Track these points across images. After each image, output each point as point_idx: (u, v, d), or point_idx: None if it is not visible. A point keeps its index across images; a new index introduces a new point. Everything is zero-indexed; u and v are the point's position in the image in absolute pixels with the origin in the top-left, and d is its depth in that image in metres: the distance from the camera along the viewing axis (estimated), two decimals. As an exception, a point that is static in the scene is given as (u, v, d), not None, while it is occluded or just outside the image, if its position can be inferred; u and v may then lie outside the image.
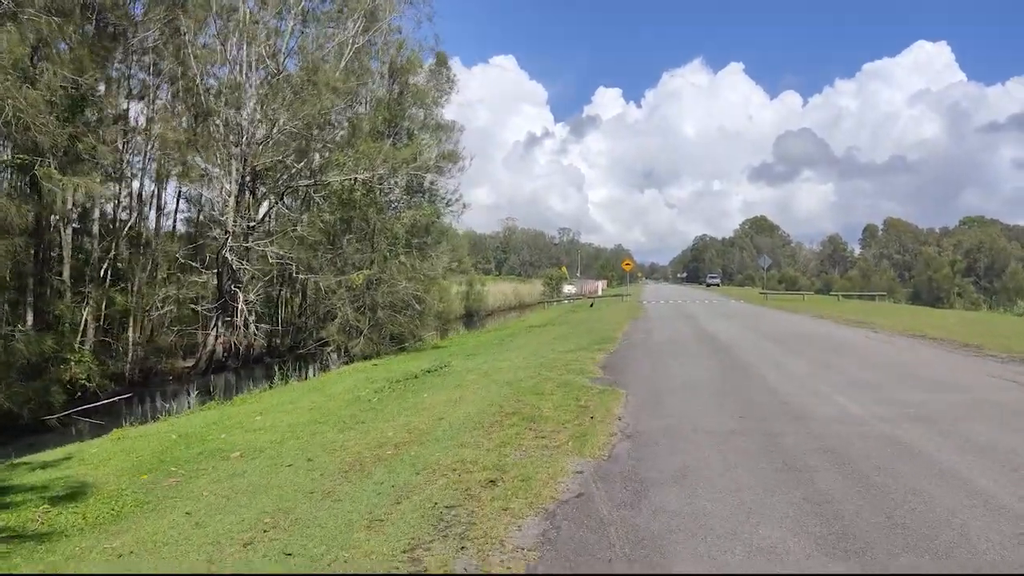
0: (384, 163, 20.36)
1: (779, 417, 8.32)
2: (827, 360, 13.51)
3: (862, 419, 8.15)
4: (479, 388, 11.41)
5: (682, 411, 8.84)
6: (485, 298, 57.02)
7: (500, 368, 13.98)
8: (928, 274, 76.22)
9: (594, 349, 16.16)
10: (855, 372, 11.87)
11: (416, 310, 21.75)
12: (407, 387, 12.48)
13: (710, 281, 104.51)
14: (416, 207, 22.37)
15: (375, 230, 21.51)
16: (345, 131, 22.18)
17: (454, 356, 17.88)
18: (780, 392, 10.01)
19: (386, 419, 9.32)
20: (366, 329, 20.82)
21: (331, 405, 11.10)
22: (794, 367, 12.56)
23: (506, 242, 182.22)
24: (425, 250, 22.84)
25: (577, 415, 8.63)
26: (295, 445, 8.17)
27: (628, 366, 13.25)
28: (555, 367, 13.22)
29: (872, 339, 17.80)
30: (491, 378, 12.50)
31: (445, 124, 26.52)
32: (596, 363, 13.79)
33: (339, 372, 17.12)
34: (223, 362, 22.21)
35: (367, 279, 20.71)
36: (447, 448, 7.29)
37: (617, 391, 10.29)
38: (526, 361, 14.74)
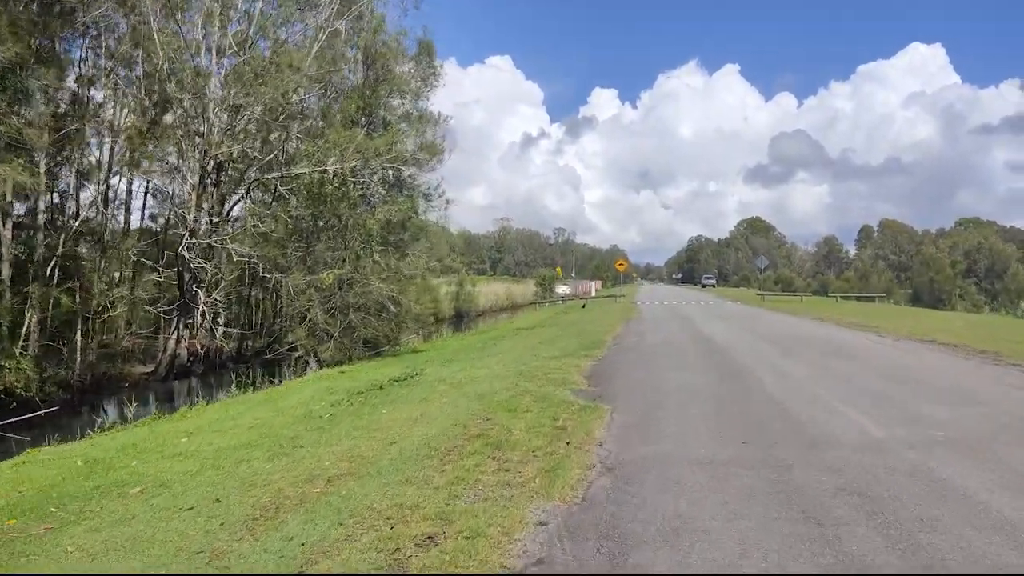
0: (356, 154, 18.95)
1: (789, 441, 7.04)
2: (834, 368, 12.25)
3: (886, 444, 6.87)
4: (446, 403, 10.10)
5: (674, 433, 7.55)
6: (476, 299, 55.70)
7: (476, 377, 12.67)
8: (929, 275, 75.05)
9: (581, 355, 14.88)
10: (867, 383, 10.60)
11: (392, 312, 20.39)
12: (368, 400, 11.17)
13: (705, 282, 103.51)
14: (392, 202, 20.99)
15: (347, 227, 20.12)
16: (315, 121, 20.76)
17: (430, 362, 16.57)
18: (787, 407, 8.73)
19: (330, 442, 8.01)
20: (337, 333, 19.45)
21: (276, 422, 9.78)
22: (800, 376, 11.29)
23: (501, 242, 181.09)
24: (402, 248, 21.45)
25: (551, 439, 7.34)
26: (210, 478, 6.85)
27: (616, 375, 11.97)
28: (536, 376, 11.94)
29: (879, 344, 16.55)
30: (463, 390, 11.20)
31: (427, 115, 25.23)
32: (581, 372, 12.52)
33: (301, 381, 15.81)
34: (188, 367, 20.85)
35: (338, 279, 19.33)
36: (388, 486, 5.99)
37: (601, 407, 9.00)
38: (505, 369, 13.44)
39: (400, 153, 20.46)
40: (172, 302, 20.27)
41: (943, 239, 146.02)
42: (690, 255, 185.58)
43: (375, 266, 20.03)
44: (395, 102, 23.32)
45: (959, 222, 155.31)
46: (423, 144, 22.52)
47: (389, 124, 22.17)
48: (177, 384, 19.68)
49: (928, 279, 74.13)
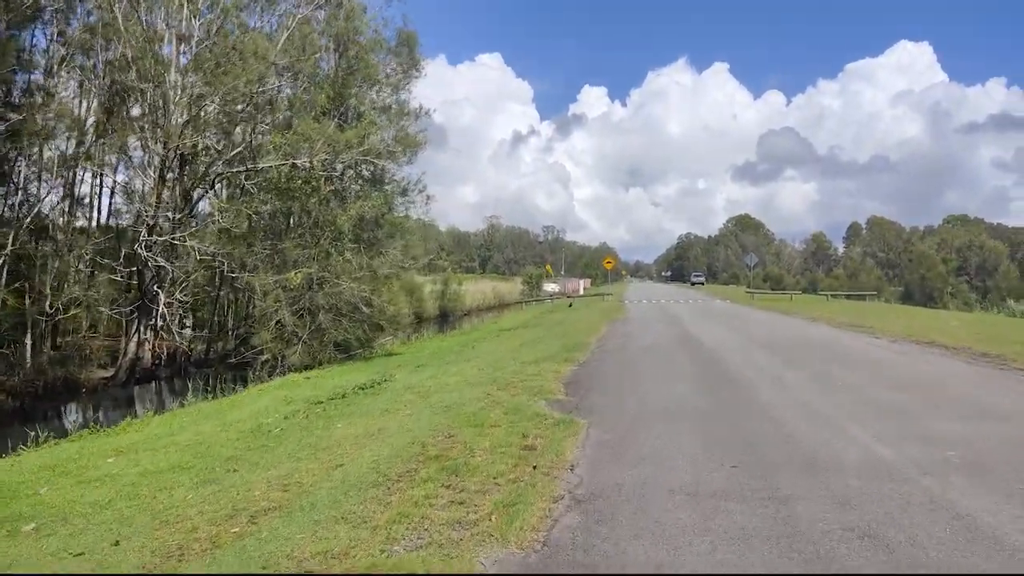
0: (326, 146, 17.91)
1: (786, 465, 6.19)
2: (831, 374, 11.43)
3: (897, 468, 6.03)
4: (409, 415, 9.21)
5: (656, 454, 6.68)
6: (462, 298, 54.76)
7: (446, 385, 11.79)
8: (921, 272, 74.61)
9: (562, 359, 14.00)
10: (868, 391, 9.78)
11: (364, 314, 19.39)
12: (326, 411, 10.26)
13: (695, 279, 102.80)
14: (366, 197, 19.97)
15: (318, 223, 19.10)
16: (285, 113, 19.69)
17: (403, 367, 15.68)
18: (782, 422, 7.88)
19: (270, 465, 7.10)
20: (306, 336, 18.43)
21: (219, 439, 8.85)
22: (795, 384, 10.45)
23: (490, 240, 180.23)
24: (376, 246, 20.44)
25: (517, 463, 6.46)
26: (120, 512, 5.92)
27: (597, 383, 11.10)
28: (511, 384, 11.06)
29: (876, 347, 15.77)
30: (430, 400, 10.31)
31: (407, 109, 24.20)
32: (560, 378, 11.64)
33: (260, 389, 14.87)
34: (151, 371, 19.82)
35: (307, 279, 18.32)
36: (319, 524, 5.09)
37: (576, 422, 8.12)
38: (480, 375, 12.55)
39: (373, 146, 19.40)
40: (131, 302, 19.21)
41: (931, 236, 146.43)
42: (679, 253, 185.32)
43: (346, 265, 19.02)
44: (371, 94, 22.21)
45: (947, 219, 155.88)
46: (401, 137, 21.46)
47: (362, 116, 21.13)
48: (138, 390, 18.67)
49: (919, 276, 73.66)
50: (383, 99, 22.88)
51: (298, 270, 18.25)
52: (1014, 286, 69.99)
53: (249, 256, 18.97)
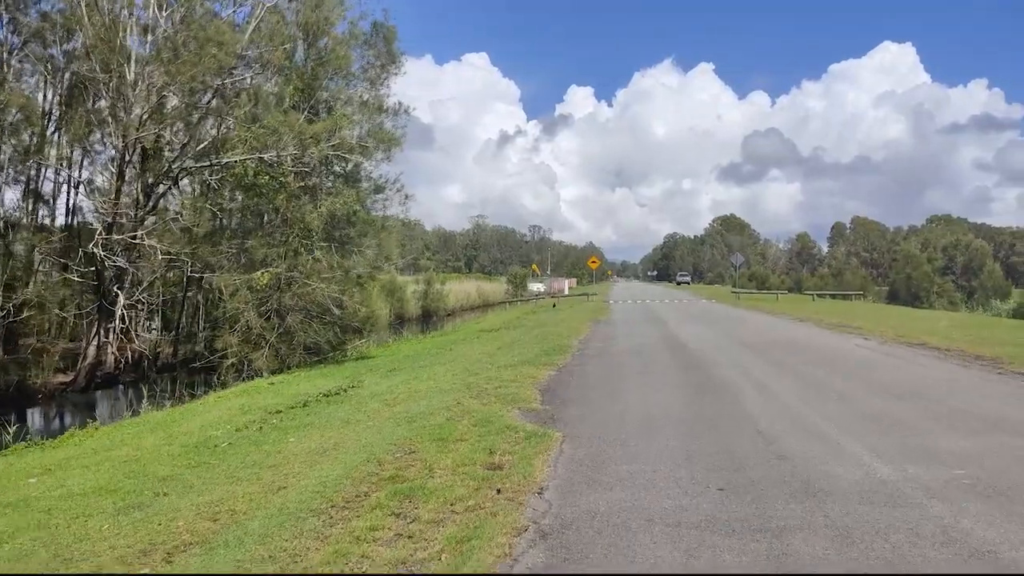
0: (293, 140, 17.06)
1: (778, 488, 5.55)
2: (822, 380, 10.84)
3: (901, 491, 5.41)
4: (370, 427, 8.50)
5: (635, 474, 6.03)
6: (445, 298, 53.96)
7: (416, 392, 11.09)
8: (907, 272, 74.52)
9: (540, 363, 13.34)
10: (863, 401, 9.18)
11: (335, 315, 18.57)
12: (282, 422, 9.52)
13: (680, 279, 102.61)
14: (337, 194, 19.11)
15: (286, 221, 18.23)
16: (252, 108, 18.77)
17: (374, 371, 14.95)
18: (772, 435, 7.25)
19: (205, 488, 6.38)
20: (273, 338, 17.59)
21: (159, 455, 8.09)
22: (784, 391, 9.84)
23: (476, 239, 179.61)
24: (348, 245, 19.61)
25: (480, 485, 5.78)
26: (22, 545, 5.19)
27: (576, 390, 10.44)
28: (484, 392, 10.39)
29: (866, 349, 15.23)
30: (395, 409, 9.61)
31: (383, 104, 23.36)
32: (537, 384, 10.99)
33: (219, 396, 14.08)
34: (115, 376, 18.93)
35: (274, 279, 17.47)
36: (241, 565, 4.39)
37: (551, 434, 7.46)
38: (453, 381, 11.86)
39: (345, 140, 18.54)
40: (91, 302, 18.27)
41: (914, 236, 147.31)
42: (665, 252, 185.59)
43: (317, 265, 18.18)
44: (344, 87, 21.34)
45: (930, 219, 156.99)
46: (375, 132, 20.57)
47: (333, 109, 20.26)
48: (100, 395, 17.77)
49: (906, 276, 73.58)
50: (359, 94, 22.08)
51: (265, 270, 17.39)
52: (999, 285, 70.28)
53: (215, 255, 18.08)
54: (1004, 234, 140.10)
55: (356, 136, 19.96)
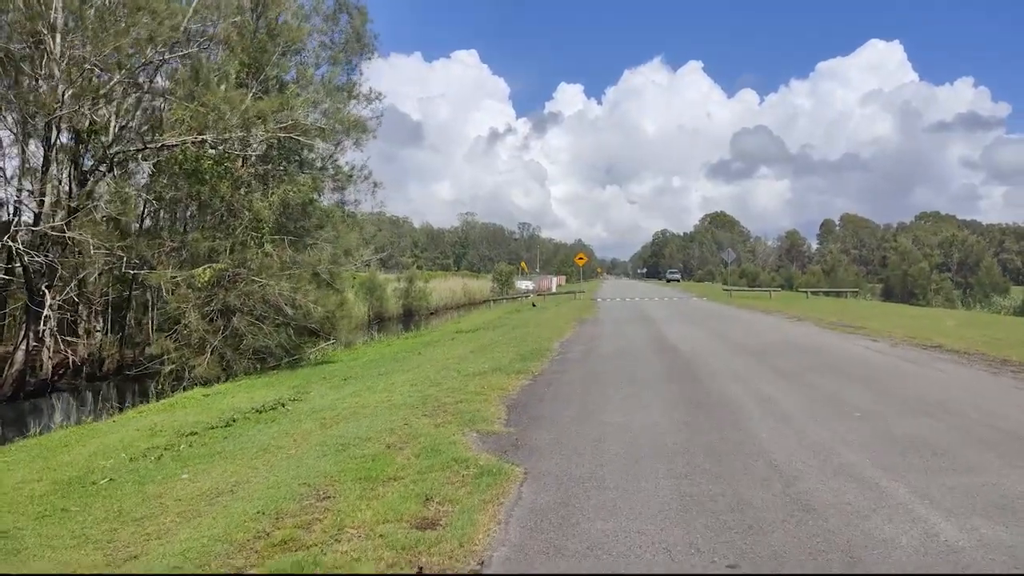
0: (237, 120, 15.28)
1: (812, 560, 3.98)
2: (836, 392, 9.30)
3: (982, 568, 3.86)
4: (289, 458, 6.89)
5: (613, 538, 4.46)
6: (428, 296, 52.25)
7: (363, 407, 9.47)
8: (903, 268, 73.16)
9: (514, 371, 11.76)
10: (889, 418, 7.65)
11: (290, 316, 16.83)
12: (189, 449, 7.90)
13: (670, 276, 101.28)
14: (290, 181, 17.35)
15: (232, 211, 16.49)
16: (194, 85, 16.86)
17: (328, 380, 13.34)
18: (791, 473, 5.70)
19: (35, 552, 4.72)
20: (217, 342, 15.86)
21: (16, 496, 6.43)
22: (795, 408, 8.29)
23: (465, 237, 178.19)
24: (305, 238, 17.85)
25: (396, 558, 4.19)
26: None
27: (549, 406, 8.85)
28: (441, 407, 8.81)
29: (877, 353, 13.72)
30: (330, 431, 7.98)
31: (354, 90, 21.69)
32: (506, 398, 9.41)
33: (138, 411, 12.35)
34: (51, 383, 17.15)
35: (218, 276, 15.71)
36: None
37: (509, 471, 5.88)
38: (409, 393, 10.24)
39: (298, 122, 16.76)
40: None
41: (903, 233, 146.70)
42: (655, 250, 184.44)
43: (267, 260, 16.45)
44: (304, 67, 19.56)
45: (920, 216, 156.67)
46: (337, 114, 18.79)
47: (285, 86, 18.49)
48: (29, 406, 16.00)
49: (902, 273, 72.23)
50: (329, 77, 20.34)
51: (208, 266, 15.63)
52: (997, 282, 68.99)
53: (153, 250, 16.32)
54: (994, 231, 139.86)
55: (316, 119, 18.16)
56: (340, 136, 24.24)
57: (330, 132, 18.68)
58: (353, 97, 22.49)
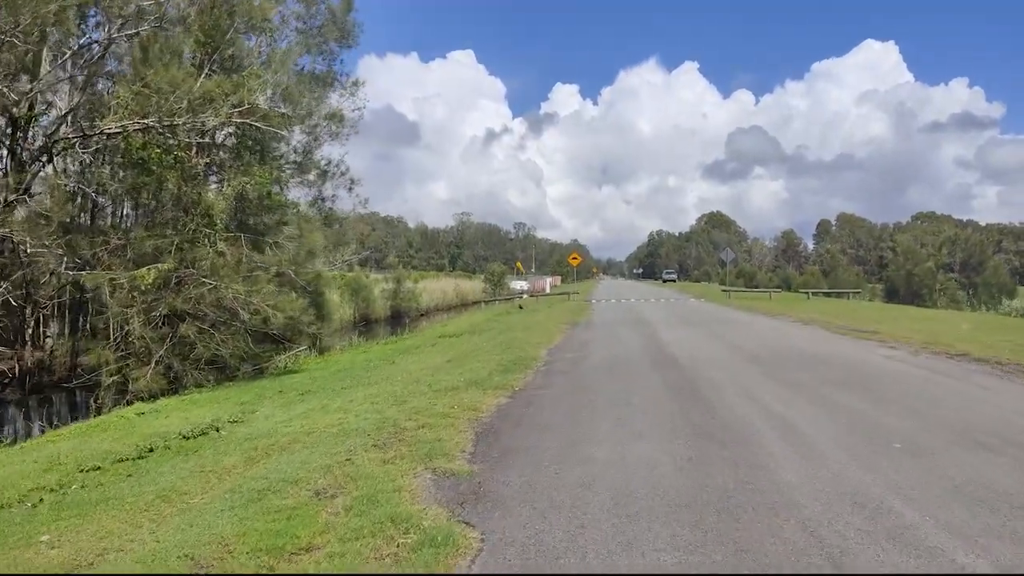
0: (182, 101, 13.69)
1: None
2: (868, 416, 7.88)
3: None
4: (183, 513, 5.44)
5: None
6: (417, 297, 50.72)
7: (308, 433, 8.01)
8: (907, 268, 71.59)
9: (492, 385, 10.33)
10: (942, 454, 6.25)
11: (245, 322, 15.26)
12: (82, 491, 6.44)
13: (666, 277, 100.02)
14: (246, 171, 15.75)
15: (179, 204, 14.92)
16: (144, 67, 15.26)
17: (284, 394, 11.90)
18: (831, 539, 4.30)
19: None
20: (162, 352, 14.33)
21: None
22: (823, 439, 6.87)
23: (460, 237, 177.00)
24: (266, 236, 16.26)
25: None
26: None
27: (525, 433, 7.42)
28: (398, 434, 7.40)
29: (899, 362, 12.32)
30: (255, 469, 6.54)
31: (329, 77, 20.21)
32: (477, 421, 7.99)
33: (55, 435, 10.83)
34: (-7, 394, 15.64)
35: (164, 277, 14.15)
36: None
37: (460, 540, 4.47)
38: (367, 414, 8.79)
39: (255, 106, 15.13)
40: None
41: (900, 233, 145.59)
42: (651, 250, 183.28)
43: (219, 259, 14.90)
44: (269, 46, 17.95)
45: (916, 216, 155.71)
46: (289, 94, 17.26)
47: (241, 67, 16.92)
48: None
49: (906, 273, 70.66)
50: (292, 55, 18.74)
51: (152, 266, 14.09)
52: (1003, 283, 67.41)
53: (96, 248, 14.76)
54: (992, 231, 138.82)
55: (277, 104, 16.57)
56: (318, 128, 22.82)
57: (297, 119, 17.18)
58: (329, 86, 21.04)
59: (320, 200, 22.66)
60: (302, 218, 18.63)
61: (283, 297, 15.99)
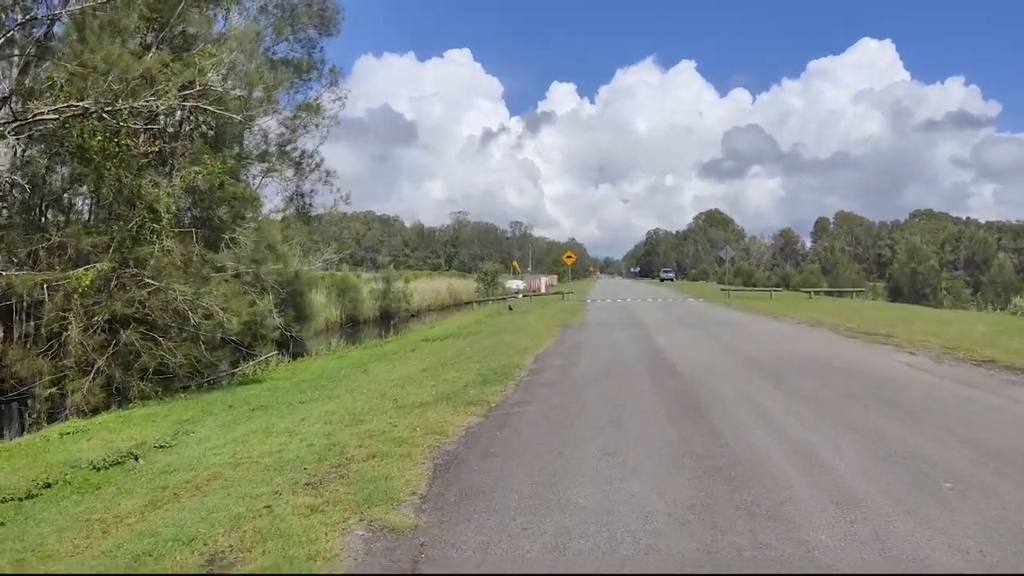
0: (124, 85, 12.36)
1: None
2: (902, 442, 6.64)
3: None
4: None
5: None
6: (408, 297, 49.42)
7: (238, 464, 6.76)
8: (911, 266, 70.22)
9: (466, 400, 9.08)
10: (1003, 494, 5.01)
11: (205, 325, 13.94)
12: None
13: (664, 276, 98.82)
14: (196, 160, 14.39)
15: (120, 197, 13.56)
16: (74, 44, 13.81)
17: (233, 409, 10.63)
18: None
19: None
20: (103, 362, 13.00)
21: None
22: (854, 474, 5.63)
23: (456, 236, 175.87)
24: (225, 232, 14.92)
25: None
26: None
27: (495, 467, 6.17)
28: (341, 467, 6.19)
29: (923, 371, 11.08)
30: (150, 519, 5.29)
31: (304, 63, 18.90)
32: (438, 449, 6.77)
33: None
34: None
35: (104, 277, 12.82)
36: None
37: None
38: (315, 437, 7.53)
39: (208, 89, 13.73)
40: None
41: (900, 231, 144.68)
42: (648, 249, 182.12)
43: (166, 258, 13.57)
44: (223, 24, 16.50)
45: (914, 213, 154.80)
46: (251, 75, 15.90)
47: (194, 45, 15.54)
48: None
49: (910, 271, 69.28)
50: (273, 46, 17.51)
51: (89, 266, 12.75)
52: (1010, 281, 65.99)
53: (32, 246, 13.42)
54: (991, 229, 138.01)
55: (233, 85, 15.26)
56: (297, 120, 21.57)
57: (258, 103, 15.83)
58: (305, 72, 19.76)
59: (298, 196, 21.40)
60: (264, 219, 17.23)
61: (239, 300, 14.65)
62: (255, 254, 15.80)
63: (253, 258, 15.77)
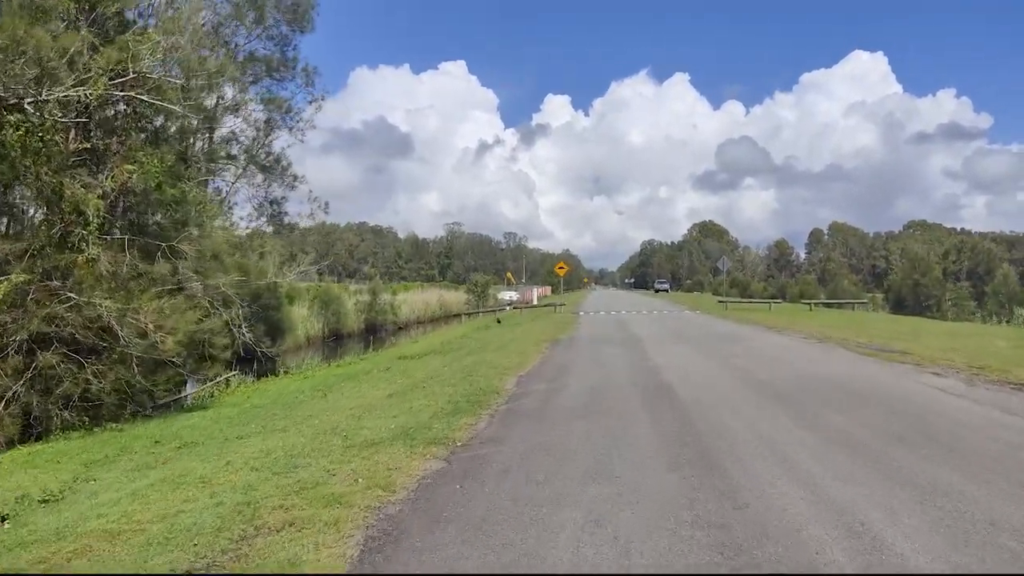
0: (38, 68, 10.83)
1: None
2: (971, 501, 5.24)
3: None
4: None
5: None
6: (396, 309, 47.86)
7: (116, 536, 5.29)
8: (915, 277, 68.79)
9: (428, 439, 7.62)
10: None
11: (140, 345, 12.39)
12: None
13: (659, 287, 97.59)
14: (128, 157, 12.85)
15: (39, 196, 12.03)
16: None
17: (158, 446, 9.14)
18: None
19: None
20: (18, 387, 11.40)
21: None
22: (914, 551, 4.18)
23: (450, 247, 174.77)
24: (161, 238, 13.33)
25: None
26: None
27: (441, 541, 4.71)
28: (238, 549, 4.70)
29: (957, 397, 9.66)
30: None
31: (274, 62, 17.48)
32: (377, 513, 5.36)
33: None
34: None
35: (18, 291, 11.26)
36: None
37: None
38: (231, 492, 6.06)
39: (143, 75, 12.27)
40: None
41: (894, 241, 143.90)
42: (643, 260, 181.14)
43: (92, 268, 12.03)
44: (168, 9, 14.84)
45: (908, 225, 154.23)
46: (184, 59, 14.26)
47: (145, 32, 14.08)
48: None
49: (913, 282, 67.91)
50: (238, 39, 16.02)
51: (3, 277, 11.20)
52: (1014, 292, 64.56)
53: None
54: (986, 239, 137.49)
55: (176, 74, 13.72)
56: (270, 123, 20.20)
57: (197, 91, 14.27)
58: (276, 71, 18.38)
59: (268, 203, 19.96)
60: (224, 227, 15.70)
61: (181, 316, 13.11)
62: (204, 264, 14.24)
63: (196, 269, 14.20)
